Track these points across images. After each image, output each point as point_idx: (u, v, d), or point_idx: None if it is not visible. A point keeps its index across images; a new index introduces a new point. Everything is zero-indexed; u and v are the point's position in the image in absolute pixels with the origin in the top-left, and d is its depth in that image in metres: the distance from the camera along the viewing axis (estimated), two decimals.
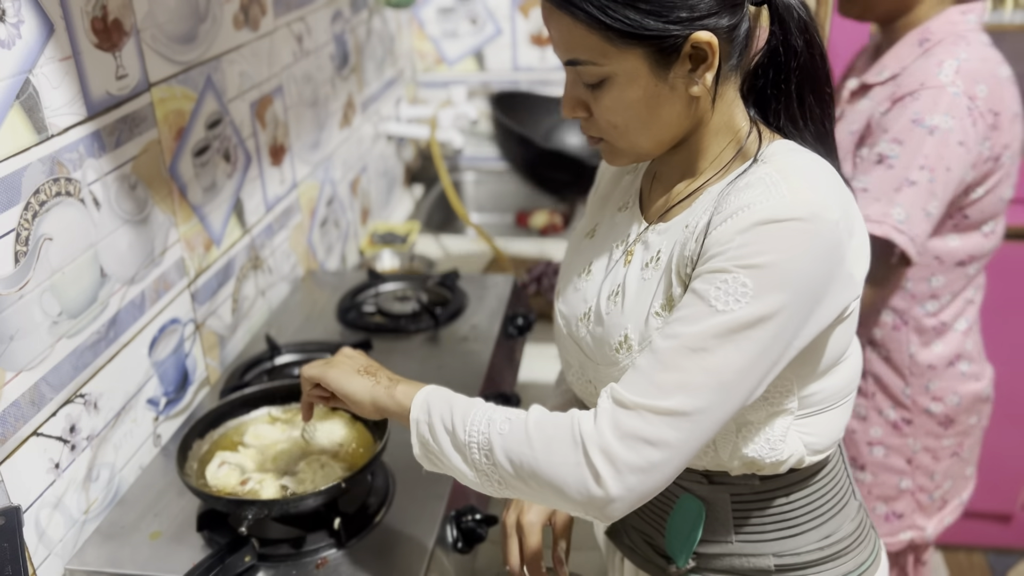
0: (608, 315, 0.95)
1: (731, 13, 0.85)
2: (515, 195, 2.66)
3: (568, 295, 1.05)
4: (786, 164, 0.86)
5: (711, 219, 0.85)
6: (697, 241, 0.86)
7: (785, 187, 0.82)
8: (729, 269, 0.81)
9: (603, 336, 0.95)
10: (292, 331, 1.57)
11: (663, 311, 0.89)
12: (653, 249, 0.94)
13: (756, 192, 0.83)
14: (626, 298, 0.94)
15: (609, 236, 1.03)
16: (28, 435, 1.01)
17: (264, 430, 1.19)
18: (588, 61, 0.86)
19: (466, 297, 1.65)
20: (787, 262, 0.80)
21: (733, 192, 0.85)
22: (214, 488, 1.09)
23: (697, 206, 0.91)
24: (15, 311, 0.98)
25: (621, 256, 0.99)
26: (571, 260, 1.08)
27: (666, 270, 0.91)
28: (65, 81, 1.04)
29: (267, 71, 1.59)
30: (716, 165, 0.93)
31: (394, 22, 2.42)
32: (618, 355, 0.93)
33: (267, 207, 1.62)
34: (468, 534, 1.13)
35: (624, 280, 0.95)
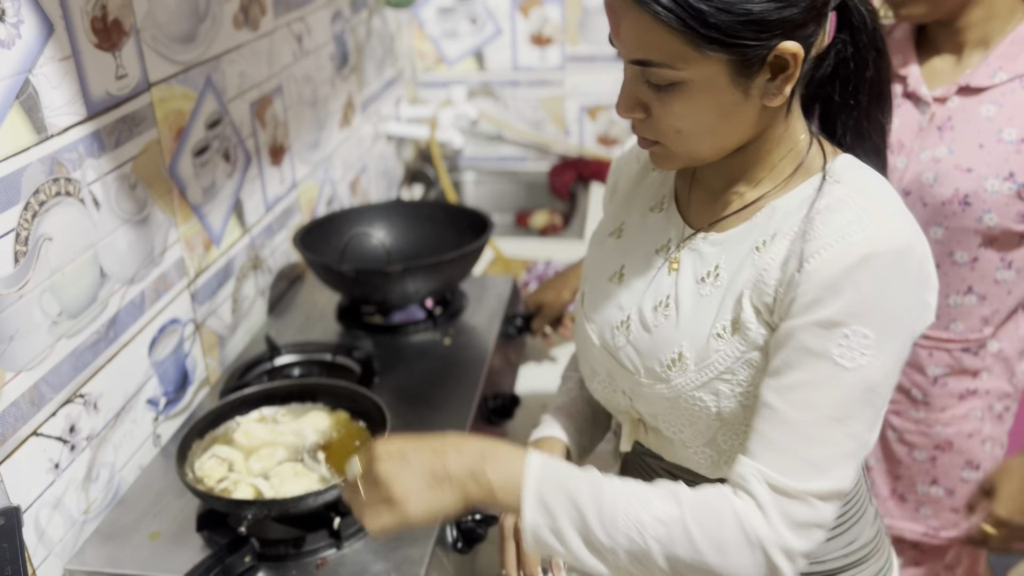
0: (657, 328, 0.92)
1: (817, 21, 0.81)
2: (515, 195, 2.67)
3: (597, 300, 1.00)
4: (864, 186, 0.84)
5: (802, 250, 0.81)
6: (783, 270, 0.83)
7: (875, 214, 0.80)
8: (846, 322, 0.78)
9: (650, 350, 0.92)
10: (292, 331, 1.57)
11: (726, 333, 0.86)
12: (709, 262, 0.90)
13: (845, 218, 0.80)
14: (680, 313, 0.90)
15: (642, 238, 0.99)
16: (28, 435, 1.01)
17: (254, 429, 1.19)
18: (663, 64, 0.79)
19: (466, 297, 1.65)
20: (895, 302, 0.79)
21: (818, 218, 0.81)
22: (200, 477, 1.09)
23: (759, 220, 0.88)
24: (15, 311, 0.98)
25: (664, 263, 0.94)
26: (597, 261, 1.04)
27: (729, 289, 0.87)
28: (65, 81, 1.04)
29: (267, 71, 1.58)
30: (775, 176, 0.89)
31: (394, 22, 2.41)
32: (670, 372, 0.90)
33: (267, 207, 1.61)
34: (468, 534, 1.13)
35: (676, 292, 0.91)
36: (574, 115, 2.64)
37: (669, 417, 0.93)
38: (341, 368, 1.44)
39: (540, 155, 2.69)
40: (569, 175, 2.54)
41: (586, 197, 2.48)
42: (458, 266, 1.52)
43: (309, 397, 1.24)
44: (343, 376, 1.40)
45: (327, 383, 1.24)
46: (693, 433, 0.93)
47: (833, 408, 0.79)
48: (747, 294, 0.85)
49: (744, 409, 0.88)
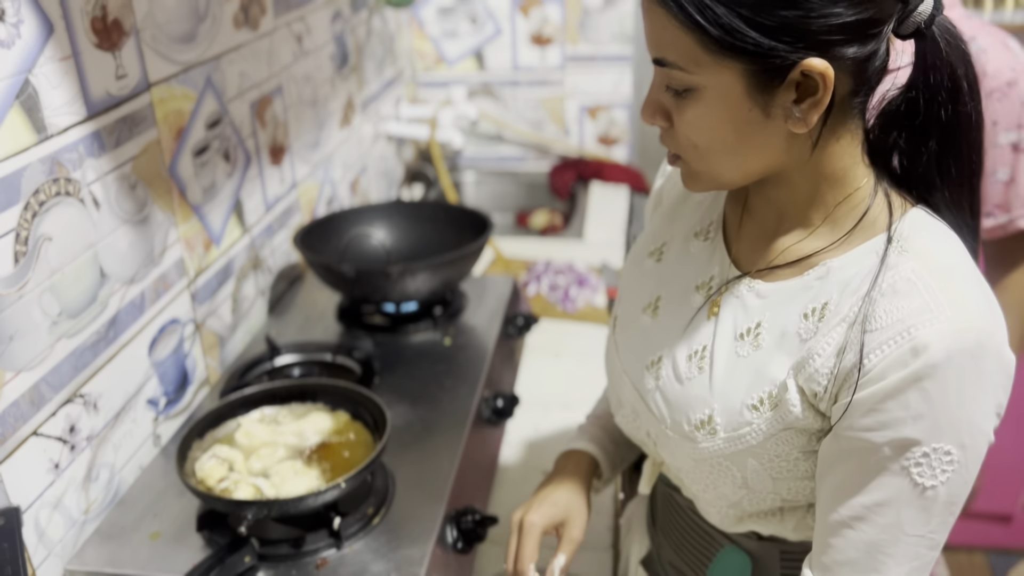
0: (689, 381, 0.86)
1: (862, 41, 0.71)
2: (515, 195, 2.67)
3: (630, 331, 0.95)
4: (935, 259, 0.74)
5: (863, 342, 0.73)
6: (838, 360, 0.75)
7: (946, 301, 0.71)
8: (924, 440, 0.71)
9: (680, 404, 0.86)
10: (292, 331, 1.57)
11: (763, 407, 0.80)
12: (751, 317, 0.83)
13: (912, 306, 0.71)
14: (715, 371, 0.84)
15: (683, 268, 0.92)
16: (28, 435, 1.01)
17: (254, 429, 1.19)
18: (676, 65, 0.74)
19: (466, 297, 1.65)
20: (975, 412, 0.72)
21: (881, 302, 0.73)
22: (201, 478, 1.09)
23: (811, 279, 0.80)
24: (15, 311, 0.98)
25: (704, 304, 0.88)
26: (633, 284, 0.98)
27: (772, 358, 0.81)
28: (65, 81, 1.04)
29: (267, 71, 1.58)
30: (832, 226, 0.80)
31: (394, 22, 2.41)
32: (697, 433, 0.85)
33: (267, 207, 1.61)
34: (468, 534, 1.13)
35: (713, 344, 0.85)
36: (574, 115, 2.64)
37: (692, 474, 0.90)
38: (341, 368, 1.44)
39: (540, 155, 2.69)
40: (569, 175, 2.54)
41: (586, 197, 2.48)
42: (458, 266, 1.52)
43: (309, 397, 1.24)
44: (343, 376, 1.40)
45: (327, 383, 1.24)
46: (716, 495, 0.89)
47: (916, 526, 0.74)
48: (792, 373, 0.79)
49: (774, 482, 0.84)
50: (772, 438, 0.81)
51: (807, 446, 0.81)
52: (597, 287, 1.94)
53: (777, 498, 0.87)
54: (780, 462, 0.83)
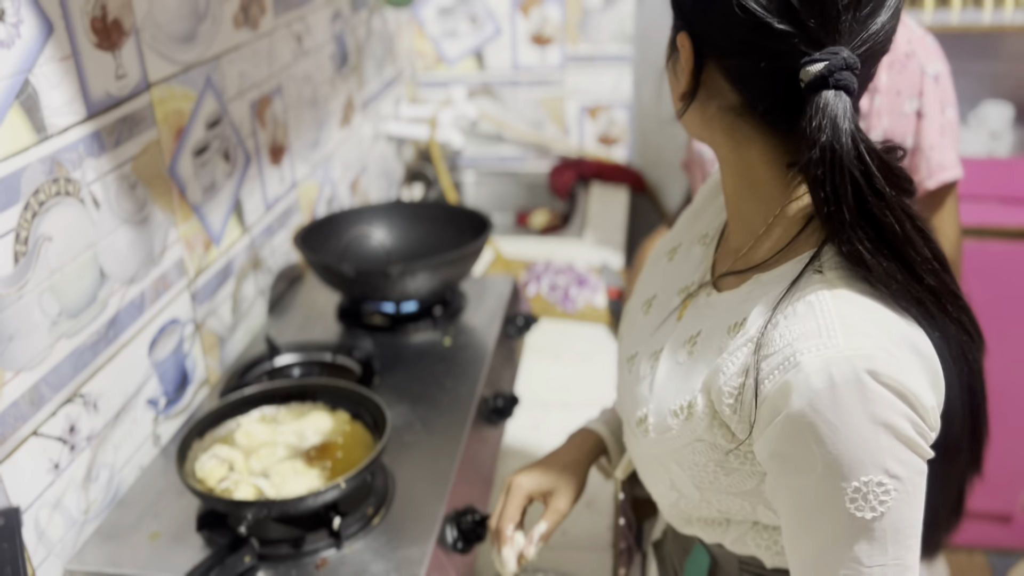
0: (643, 380, 0.88)
1: (744, 58, 0.72)
2: (515, 195, 2.67)
3: (628, 324, 0.99)
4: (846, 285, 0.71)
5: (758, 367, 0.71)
6: (741, 381, 0.74)
7: (839, 327, 0.68)
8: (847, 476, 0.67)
9: (630, 400, 0.91)
10: (292, 331, 1.57)
11: (682, 414, 0.80)
12: (698, 325, 0.83)
13: (803, 329, 0.69)
14: (657, 374, 0.85)
15: (681, 271, 0.94)
16: (27, 435, 1.01)
17: (255, 429, 1.19)
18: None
19: (466, 298, 1.65)
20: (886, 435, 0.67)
21: (782, 323, 0.71)
22: (201, 478, 1.09)
23: (743, 293, 0.80)
24: (14, 311, 0.98)
25: (676, 309, 0.90)
26: (646, 280, 1.01)
27: (697, 367, 0.80)
28: (64, 81, 1.04)
29: (267, 71, 1.58)
30: (770, 243, 0.79)
31: (394, 22, 2.41)
32: (636, 430, 0.88)
33: (267, 207, 1.61)
34: (468, 534, 1.13)
35: (663, 348, 0.86)
36: (574, 115, 2.64)
37: (639, 467, 0.95)
38: (341, 368, 1.44)
39: (540, 155, 2.69)
40: (569, 175, 2.54)
41: (586, 197, 2.48)
42: (458, 266, 1.52)
43: (309, 397, 1.24)
44: (343, 376, 1.40)
45: (327, 383, 1.24)
46: (658, 493, 0.93)
47: (874, 557, 0.70)
48: (703, 386, 0.78)
49: (700, 491, 0.84)
50: (687, 447, 0.81)
51: (723, 461, 0.80)
52: (597, 287, 1.94)
53: (711, 508, 0.86)
54: (699, 471, 0.82)
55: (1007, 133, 2.22)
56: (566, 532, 1.38)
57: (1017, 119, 2.23)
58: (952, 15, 2.06)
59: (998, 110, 2.22)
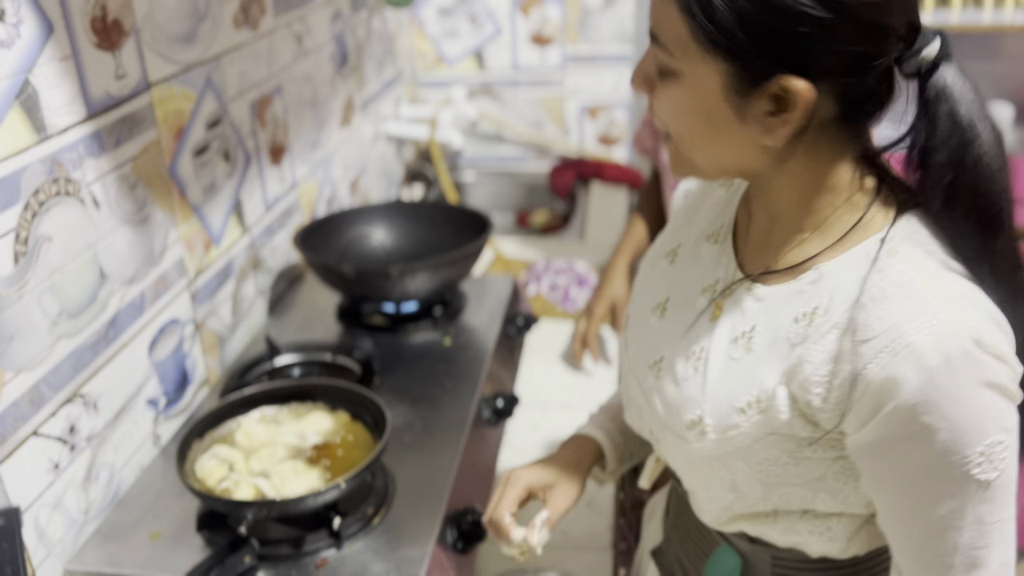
0: (685, 382, 0.86)
1: (854, 73, 0.71)
2: (515, 195, 2.67)
3: (637, 330, 0.95)
4: (925, 263, 0.74)
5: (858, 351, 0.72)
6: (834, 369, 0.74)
7: (938, 302, 0.71)
8: (970, 443, 0.70)
9: (676, 403, 0.87)
10: (292, 331, 1.57)
11: (751, 410, 0.80)
12: (747, 321, 0.83)
13: (904, 310, 0.71)
14: (708, 373, 0.84)
15: (693, 271, 0.92)
16: (27, 435, 1.01)
17: (255, 429, 1.19)
18: (665, 46, 0.74)
19: (466, 298, 1.65)
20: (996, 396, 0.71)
21: (872, 307, 0.72)
22: (201, 478, 1.09)
23: (804, 284, 0.79)
24: (14, 311, 0.98)
25: (708, 307, 0.87)
26: (646, 287, 0.98)
27: (762, 363, 0.80)
28: (64, 81, 1.04)
29: (267, 71, 1.58)
30: (826, 231, 0.79)
31: (394, 22, 2.41)
32: (688, 433, 0.85)
33: (267, 207, 1.61)
34: (468, 534, 1.13)
35: (709, 347, 0.85)
36: (574, 115, 2.63)
37: (687, 474, 0.91)
38: (341, 368, 1.44)
39: (540, 155, 2.69)
40: (569, 175, 2.54)
41: (586, 197, 2.48)
42: (458, 266, 1.52)
43: (309, 397, 1.24)
44: (343, 376, 1.40)
45: (327, 383, 1.24)
46: (708, 496, 0.90)
47: (994, 514, 0.74)
48: (783, 379, 0.78)
49: (764, 487, 0.84)
50: (759, 442, 0.81)
51: (796, 452, 0.81)
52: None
53: (768, 503, 0.87)
54: (768, 466, 0.82)
55: (1007, 133, 2.22)
56: (566, 532, 1.38)
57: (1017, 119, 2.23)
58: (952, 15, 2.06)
59: (998, 110, 2.22)
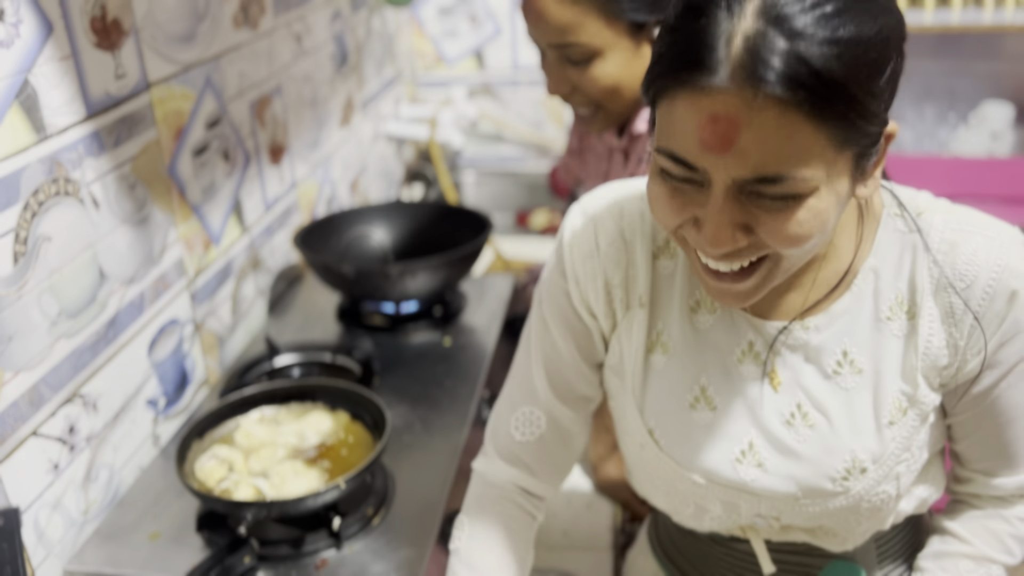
0: (805, 443, 0.83)
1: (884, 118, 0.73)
2: (515, 195, 2.66)
3: (686, 437, 0.86)
4: (947, 206, 0.83)
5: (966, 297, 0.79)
6: (950, 327, 0.80)
7: (989, 225, 0.80)
8: None
9: (810, 470, 0.83)
10: (292, 331, 1.57)
11: (898, 416, 0.82)
12: (829, 351, 0.83)
13: (979, 245, 0.79)
14: (832, 418, 0.83)
15: (705, 348, 0.86)
16: (27, 435, 1.01)
17: (254, 429, 1.19)
18: (797, 175, 0.65)
19: (466, 297, 1.65)
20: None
21: (952, 257, 0.79)
22: (201, 478, 1.09)
23: (862, 288, 0.82)
24: (14, 311, 0.98)
25: (760, 373, 0.84)
26: (655, 390, 0.88)
27: (882, 373, 0.82)
28: (64, 81, 1.04)
29: (266, 71, 1.58)
30: (837, 244, 0.81)
31: (393, 22, 2.41)
32: (847, 483, 0.83)
33: (266, 206, 1.61)
34: None
35: (810, 398, 0.83)
36: None
37: (837, 521, 0.88)
38: (341, 368, 1.43)
39: (540, 155, 2.69)
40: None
41: None
42: (458, 266, 1.52)
43: (309, 397, 1.24)
44: (343, 376, 1.40)
45: (327, 383, 1.24)
46: (870, 525, 0.90)
47: None
48: (916, 367, 0.82)
49: (914, 474, 0.87)
50: (913, 434, 0.83)
51: (936, 424, 0.87)
52: None
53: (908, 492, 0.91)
54: (919, 451, 0.85)
55: (1007, 133, 2.22)
56: (566, 532, 1.38)
57: (1017, 119, 2.23)
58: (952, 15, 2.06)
59: (998, 110, 2.21)
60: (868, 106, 0.65)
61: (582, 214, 0.90)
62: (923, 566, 0.94)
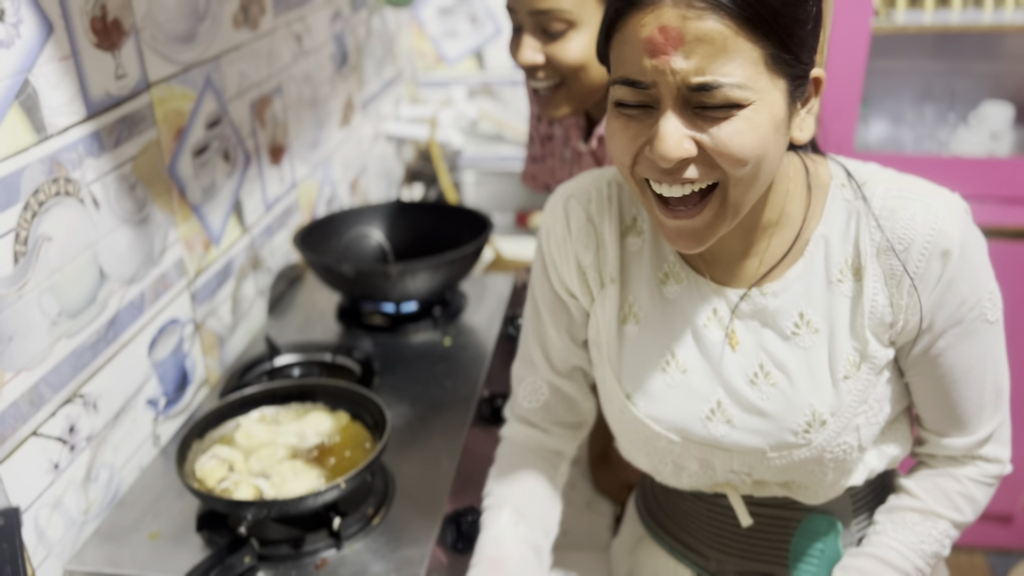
0: (768, 399, 0.89)
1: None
2: (515, 195, 2.66)
3: (660, 398, 0.93)
4: (889, 174, 0.88)
5: (904, 259, 0.84)
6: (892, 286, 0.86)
7: (927, 191, 0.86)
8: (980, 293, 0.86)
9: (773, 425, 0.89)
10: (292, 331, 1.57)
11: (853, 370, 0.88)
12: (787, 314, 0.89)
13: (916, 208, 0.84)
14: (792, 375, 0.89)
15: (673, 315, 0.93)
16: (27, 435, 1.01)
17: (255, 429, 1.19)
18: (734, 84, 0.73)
19: (466, 297, 1.65)
20: (984, 249, 0.88)
21: (892, 221, 0.85)
22: (201, 478, 1.09)
23: (814, 254, 0.88)
24: (14, 311, 0.98)
25: (724, 333, 0.91)
26: (630, 356, 0.95)
27: (835, 331, 0.88)
28: (64, 81, 1.04)
29: (267, 71, 1.58)
30: (789, 214, 0.88)
31: (394, 22, 2.41)
32: (809, 435, 0.88)
33: (266, 207, 1.61)
34: (468, 534, 1.13)
35: (770, 358, 0.90)
36: None
37: (804, 473, 0.92)
38: (341, 368, 1.44)
39: None
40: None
41: None
42: (458, 266, 1.52)
43: (309, 397, 1.24)
44: (343, 376, 1.40)
45: (327, 383, 1.24)
46: (836, 476, 0.93)
47: (998, 349, 0.91)
48: (864, 324, 0.87)
49: (876, 428, 0.91)
50: (869, 386, 0.88)
51: (893, 380, 0.92)
52: None
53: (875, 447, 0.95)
54: (877, 404, 0.90)
55: (1007, 133, 2.22)
56: (566, 532, 1.37)
57: (1017, 119, 2.23)
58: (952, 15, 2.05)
59: (998, 110, 2.21)
60: (793, 30, 0.74)
61: (555, 202, 0.99)
62: (877, 519, 0.99)
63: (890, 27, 1.98)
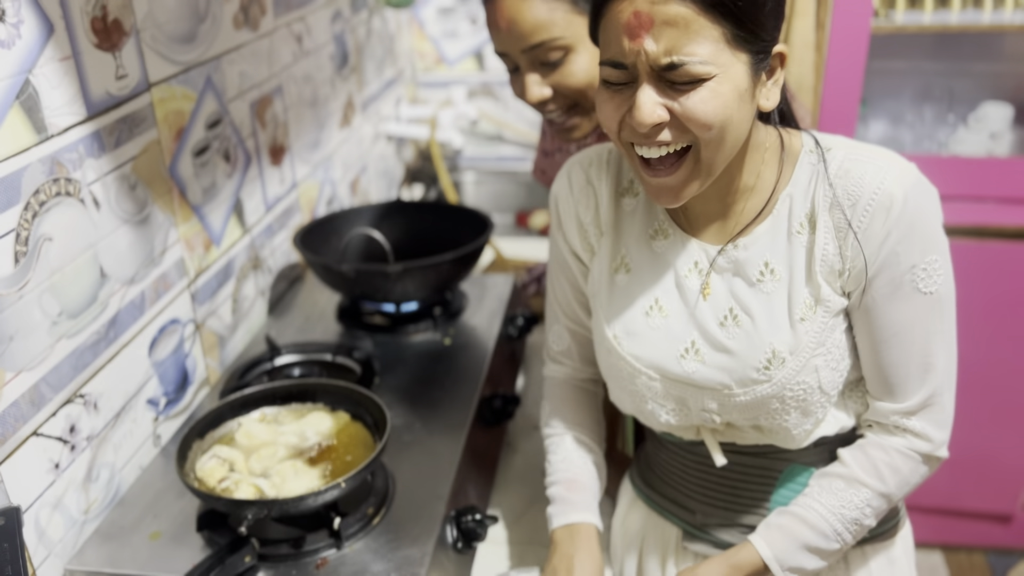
0: (734, 339, 0.98)
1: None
2: (515, 195, 2.66)
3: (641, 337, 1.03)
4: (852, 142, 0.96)
5: (851, 215, 0.92)
6: (840, 238, 0.93)
7: (882, 157, 0.93)
8: (917, 261, 0.92)
9: (738, 362, 0.98)
10: (292, 331, 1.57)
11: (809, 312, 0.96)
12: (754, 264, 0.98)
13: (867, 170, 0.92)
14: (755, 317, 0.97)
15: (659, 266, 1.03)
16: (28, 435, 1.01)
17: (255, 429, 1.19)
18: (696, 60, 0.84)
19: (466, 298, 1.65)
20: (936, 218, 0.94)
21: (843, 180, 0.93)
22: (201, 478, 1.09)
23: (780, 212, 0.97)
24: (15, 311, 0.98)
25: (701, 283, 1.01)
26: (618, 301, 1.06)
27: (794, 276, 0.96)
28: (65, 81, 1.04)
29: (267, 71, 1.58)
30: (764, 177, 0.98)
31: (394, 22, 2.42)
32: (768, 372, 0.97)
33: (267, 207, 1.61)
34: (468, 534, 1.13)
35: (738, 303, 0.99)
36: None
37: (769, 412, 0.99)
38: (341, 368, 1.44)
39: None
40: None
41: None
42: (458, 266, 1.52)
43: (309, 397, 1.24)
44: (343, 376, 1.40)
45: (327, 383, 1.24)
46: (799, 418, 1.00)
47: (935, 324, 0.95)
48: (816, 271, 0.95)
49: (837, 374, 0.98)
50: (825, 329, 0.96)
51: (847, 329, 0.98)
52: None
53: (839, 397, 1.02)
54: (837, 350, 0.97)
55: (1007, 133, 2.22)
56: None
57: (1017, 119, 2.23)
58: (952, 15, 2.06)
59: (998, 110, 2.21)
60: (751, 12, 0.83)
61: (563, 169, 1.12)
62: (809, 482, 1.04)
63: (889, 27, 1.98)
